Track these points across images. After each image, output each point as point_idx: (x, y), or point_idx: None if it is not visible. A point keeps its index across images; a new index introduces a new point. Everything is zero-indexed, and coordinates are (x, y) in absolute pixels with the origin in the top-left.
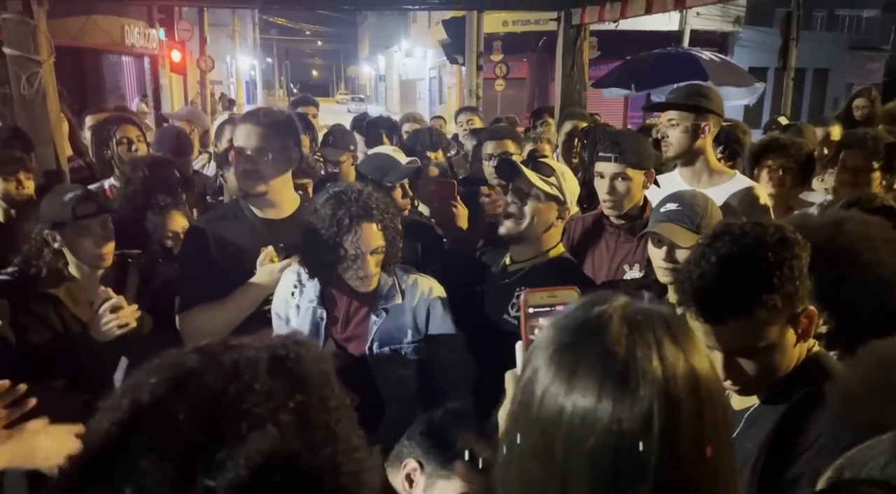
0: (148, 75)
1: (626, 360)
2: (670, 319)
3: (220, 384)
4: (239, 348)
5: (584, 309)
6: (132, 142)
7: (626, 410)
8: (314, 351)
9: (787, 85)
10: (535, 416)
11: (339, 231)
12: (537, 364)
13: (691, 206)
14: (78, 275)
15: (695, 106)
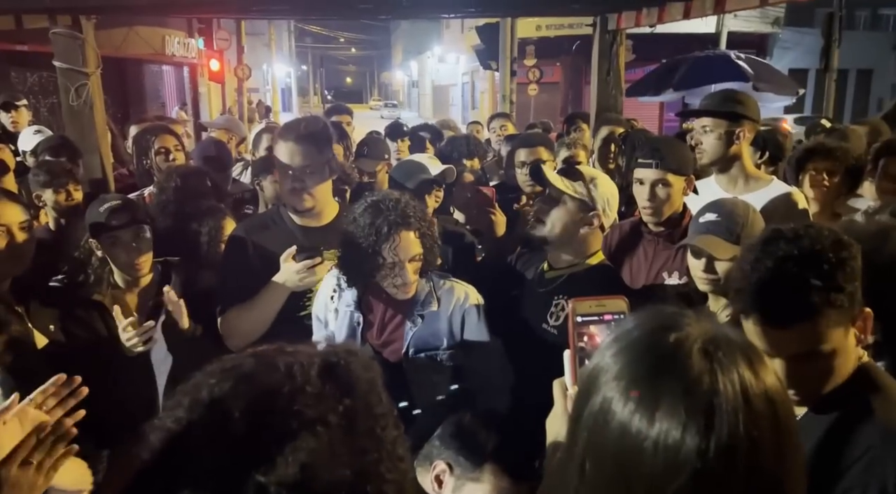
0: (187, 84)
1: (709, 395)
2: (745, 345)
3: (274, 385)
4: (293, 353)
5: (657, 335)
6: (170, 152)
7: (712, 446)
8: (363, 359)
9: (830, 86)
10: (611, 450)
11: (378, 239)
12: (609, 394)
13: (731, 216)
14: (122, 283)
15: (729, 112)
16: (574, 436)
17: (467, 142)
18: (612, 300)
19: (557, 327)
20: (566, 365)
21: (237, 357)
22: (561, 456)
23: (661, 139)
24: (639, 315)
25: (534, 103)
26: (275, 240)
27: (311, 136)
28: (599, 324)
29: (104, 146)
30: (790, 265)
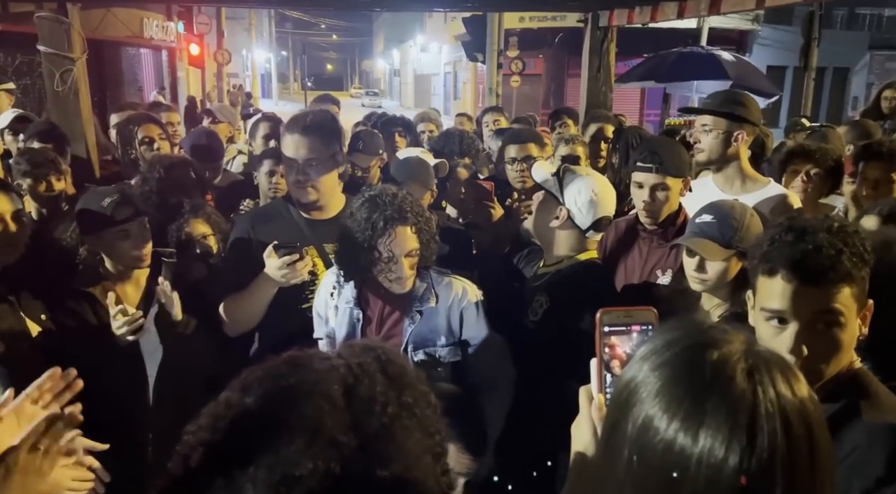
0: (165, 68)
1: (751, 415)
2: (782, 363)
3: (349, 387)
4: (333, 357)
5: (699, 352)
6: (153, 141)
7: (753, 465)
8: (393, 350)
9: (808, 85)
10: (656, 466)
11: (374, 234)
12: (651, 410)
13: (726, 220)
14: (114, 274)
15: (730, 113)
16: (611, 448)
17: (460, 141)
18: (640, 311)
19: (535, 322)
20: (592, 373)
21: (277, 369)
22: (594, 465)
23: (659, 141)
24: (674, 328)
25: (516, 95)
26: (280, 232)
27: (316, 129)
28: (626, 334)
29: (90, 133)
30: (824, 232)
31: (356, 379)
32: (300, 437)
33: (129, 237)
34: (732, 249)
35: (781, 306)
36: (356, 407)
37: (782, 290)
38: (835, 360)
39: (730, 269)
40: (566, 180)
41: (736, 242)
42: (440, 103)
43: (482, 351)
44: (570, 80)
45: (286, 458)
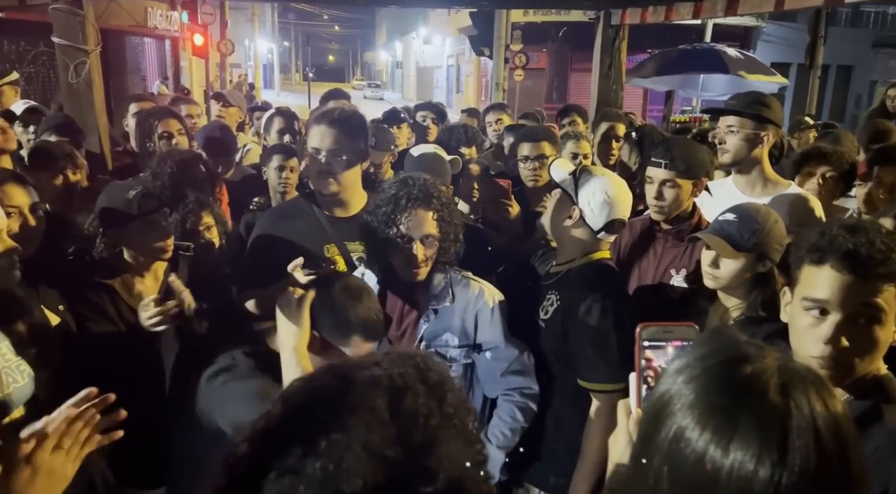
0: (169, 58)
1: (784, 430)
2: (816, 379)
3: (395, 399)
4: (373, 367)
5: (733, 366)
6: (173, 136)
7: (784, 480)
8: (430, 357)
9: (814, 83)
10: (686, 477)
11: (396, 209)
12: (683, 421)
13: (747, 220)
14: (133, 266)
15: (756, 114)
16: (643, 459)
17: (465, 131)
18: (680, 327)
19: (545, 321)
20: (631, 387)
21: (319, 382)
22: (627, 476)
23: (676, 140)
24: (708, 342)
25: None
26: (302, 230)
27: (343, 122)
28: (666, 349)
29: (103, 125)
30: (875, 232)
31: (399, 392)
32: (349, 453)
33: (154, 229)
34: (747, 251)
35: (826, 296)
36: (401, 420)
37: (830, 280)
38: (868, 358)
39: (744, 270)
40: (582, 180)
41: (753, 245)
42: (442, 96)
43: (498, 357)
44: (574, 74)
45: (335, 475)
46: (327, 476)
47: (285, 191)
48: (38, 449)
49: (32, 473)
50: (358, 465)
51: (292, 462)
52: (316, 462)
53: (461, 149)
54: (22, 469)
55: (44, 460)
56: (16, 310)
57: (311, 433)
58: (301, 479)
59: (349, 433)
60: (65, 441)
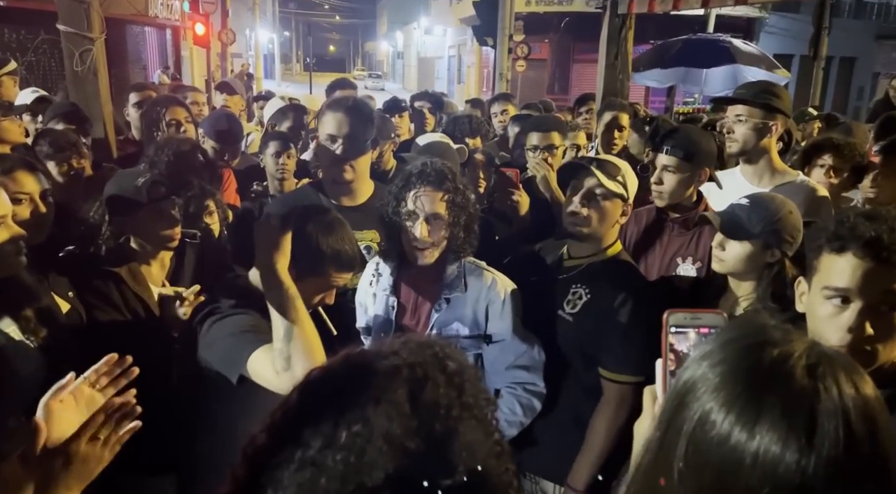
0: (170, 47)
1: (811, 413)
2: (847, 362)
3: (416, 389)
4: (392, 356)
5: (760, 349)
6: (181, 125)
7: (811, 464)
8: (452, 347)
9: (818, 74)
10: (711, 461)
11: (405, 186)
12: (708, 405)
13: (759, 208)
14: (140, 254)
15: (765, 104)
16: (667, 444)
17: (470, 121)
18: (708, 314)
19: (574, 315)
20: (657, 373)
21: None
22: (651, 460)
23: (683, 128)
24: (734, 328)
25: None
26: None
27: (358, 110)
28: (693, 336)
29: (108, 113)
30: (893, 218)
31: (419, 382)
32: (371, 445)
33: (162, 217)
34: (754, 237)
35: (848, 284)
36: (422, 411)
37: (852, 267)
38: (891, 346)
39: (751, 256)
40: (626, 178)
41: (760, 231)
42: (444, 87)
43: (505, 349)
44: (576, 65)
45: (358, 467)
46: (349, 468)
47: (283, 177)
48: (75, 439)
49: (65, 461)
50: (380, 458)
51: (313, 454)
52: (337, 455)
53: (466, 140)
54: (55, 458)
55: (79, 451)
56: (24, 296)
57: (331, 424)
58: (322, 472)
59: (370, 425)
60: (102, 431)
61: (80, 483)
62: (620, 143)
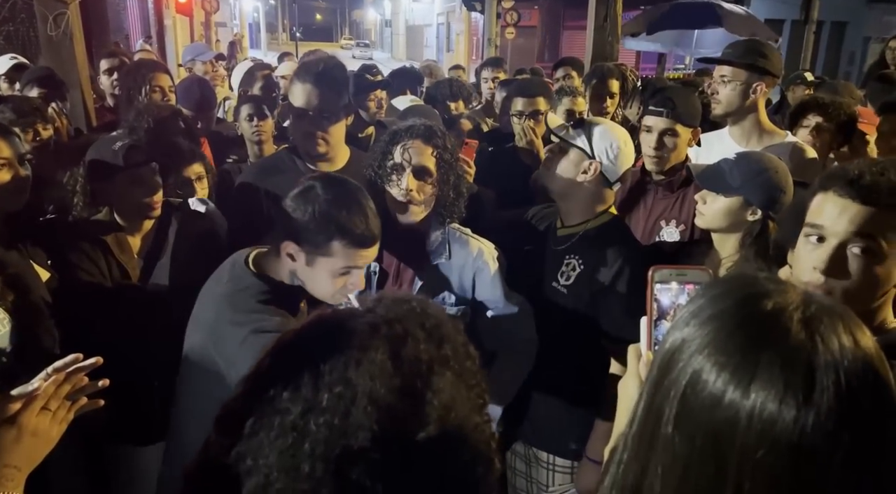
0: (152, 16)
1: (810, 367)
2: (844, 313)
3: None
4: (369, 315)
5: (752, 302)
6: (165, 93)
7: (810, 421)
8: (434, 305)
9: (808, 38)
10: (702, 422)
11: (392, 140)
12: (698, 365)
13: (742, 164)
14: (125, 223)
15: (749, 64)
16: (655, 409)
17: (450, 85)
18: (694, 270)
19: (567, 287)
20: (642, 330)
21: (314, 333)
22: (639, 425)
23: (674, 89)
24: (724, 280)
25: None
26: (286, 185)
27: (328, 78)
28: (678, 293)
29: (85, 79)
30: (892, 164)
31: (399, 339)
32: (355, 407)
33: (141, 183)
34: (732, 191)
35: (823, 221)
36: (404, 369)
37: (830, 204)
38: (865, 297)
39: (730, 212)
40: (594, 132)
41: (741, 186)
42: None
43: (499, 316)
44: (567, 32)
45: (343, 430)
46: (333, 431)
47: (260, 140)
48: (25, 410)
49: (18, 434)
50: (365, 418)
51: (293, 419)
52: (320, 418)
53: (448, 104)
54: (7, 429)
55: (30, 421)
56: None
57: (311, 388)
58: (305, 437)
59: (353, 385)
60: (52, 403)
61: (29, 464)
62: (611, 110)
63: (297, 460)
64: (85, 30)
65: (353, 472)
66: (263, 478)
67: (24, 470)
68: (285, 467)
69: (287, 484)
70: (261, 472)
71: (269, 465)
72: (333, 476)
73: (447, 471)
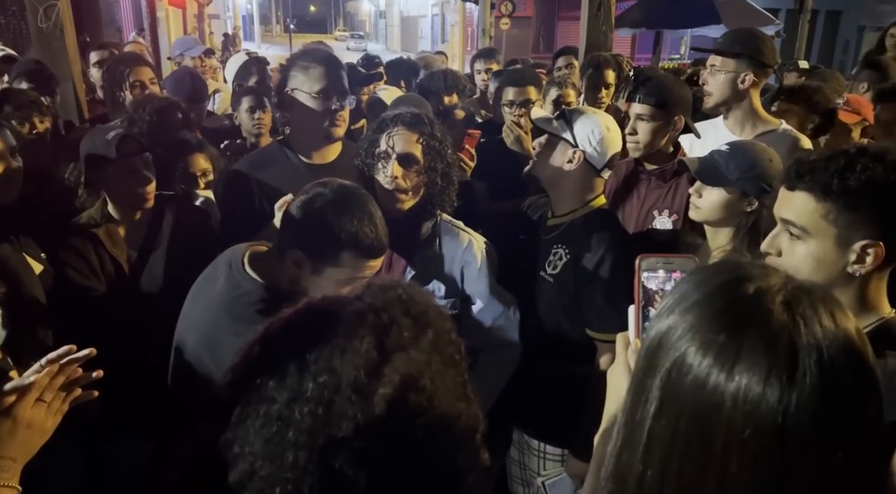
0: (145, 8)
1: (792, 349)
2: (825, 296)
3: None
4: (356, 302)
5: (735, 286)
6: (145, 86)
7: (793, 401)
8: (421, 291)
9: (803, 27)
10: (687, 405)
11: (379, 129)
12: (683, 349)
13: (737, 155)
14: (117, 215)
15: (737, 53)
16: (642, 392)
17: (444, 77)
18: (680, 258)
19: (554, 276)
20: (630, 319)
21: (300, 321)
22: (627, 411)
23: (654, 76)
24: (708, 267)
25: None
26: (279, 177)
27: (335, 61)
28: (665, 281)
29: (76, 72)
30: (845, 153)
31: (385, 328)
32: (339, 395)
33: (133, 173)
34: (730, 184)
35: (775, 209)
36: (389, 357)
37: (781, 191)
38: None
39: (727, 204)
40: (576, 120)
41: (737, 178)
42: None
43: (482, 311)
44: (561, 22)
45: (327, 420)
46: (317, 421)
47: (260, 132)
48: (20, 402)
49: (13, 425)
50: (349, 407)
51: (278, 408)
52: (304, 407)
53: (442, 96)
54: (2, 421)
55: (24, 413)
56: None
57: (296, 377)
58: (290, 426)
59: (338, 375)
60: (46, 394)
61: (24, 455)
62: (607, 100)
63: (281, 448)
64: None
65: (336, 461)
66: (249, 466)
67: (19, 462)
68: (270, 455)
69: (271, 472)
70: (246, 460)
71: (254, 453)
72: (317, 464)
73: (432, 459)
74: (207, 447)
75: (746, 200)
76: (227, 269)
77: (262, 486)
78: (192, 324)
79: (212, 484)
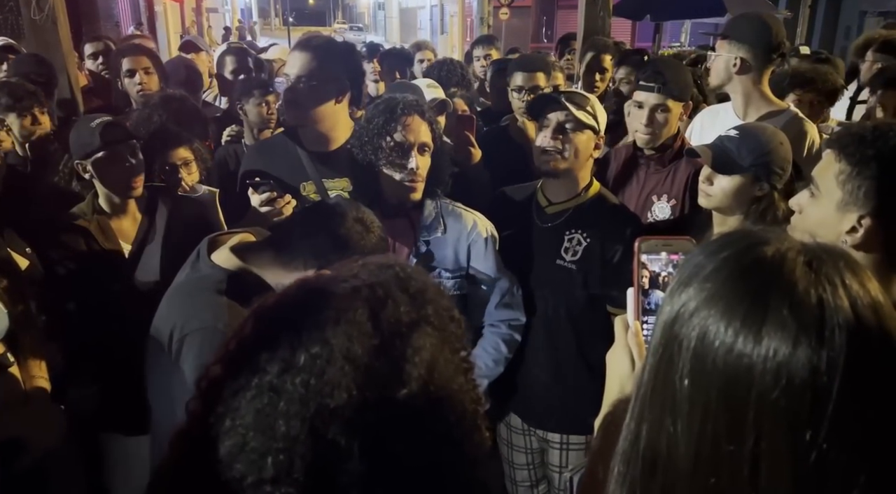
0: (142, 2)
1: (819, 309)
2: (846, 255)
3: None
4: (351, 278)
5: (753, 251)
6: (136, 74)
7: (824, 361)
8: (417, 268)
9: (804, 13)
10: (715, 376)
11: (390, 117)
12: (705, 320)
13: (748, 140)
14: (108, 208)
15: (728, 37)
16: (662, 367)
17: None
18: (679, 240)
19: (575, 262)
20: (629, 302)
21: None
22: (645, 389)
23: (665, 62)
24: (721, 238)
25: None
26: (281, 166)
27: (317, 48)
28: (665, 263)
29: (71, 65)
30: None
31: (380, 301)
32: (331, 366)
33: (118, 161)
34: (744, 170)
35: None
36: (384, 330)
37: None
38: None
39: (739, 190)
40: (595, 109)
41: (751, 164)
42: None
43: (489, 289)
44: (561, 11)
45: (319, 390)
46: (309, 390)
47: (270, 126)
48: None
49: None
50: (342, 378)
51: (270, 379)
52: (296, 378)
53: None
54: None
55: None
56: None
57: (288, 348)
58: (281, 396)
59: (330, 345)
60: None
61: None
62: (602, 86)
63: (272, 419)
64: (74, 17)
65: (328, 431)
66: (240, 438)
67: None
68: (261, 426)
69: (262, 443)
70: (238, 432)
71: (245, 425)
72: (309, 434)
73: (431, 430)
74: (198, 424)
75: (758, 184)
76: (194, 257)
77: (253, 457)
78: (160, 316)
79: (203, 459)
